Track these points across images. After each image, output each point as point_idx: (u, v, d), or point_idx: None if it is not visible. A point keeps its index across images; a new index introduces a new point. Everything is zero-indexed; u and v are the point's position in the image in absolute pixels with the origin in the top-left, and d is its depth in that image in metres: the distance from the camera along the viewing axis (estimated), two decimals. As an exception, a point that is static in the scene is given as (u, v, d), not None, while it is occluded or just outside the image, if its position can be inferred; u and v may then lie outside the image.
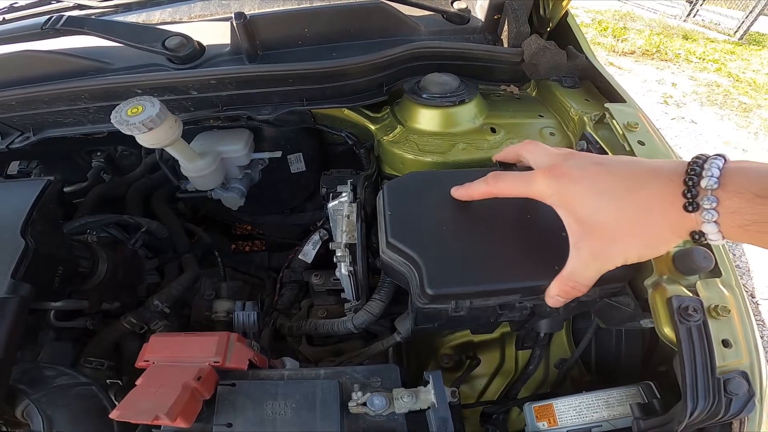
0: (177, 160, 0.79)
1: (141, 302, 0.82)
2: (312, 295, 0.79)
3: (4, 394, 0.48)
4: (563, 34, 0.82)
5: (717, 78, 4.15)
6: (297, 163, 1.02)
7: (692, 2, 5.75)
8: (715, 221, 0.33)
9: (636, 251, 0.39)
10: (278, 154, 0.91)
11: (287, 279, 0.81)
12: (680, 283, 0.47)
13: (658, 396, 0.53)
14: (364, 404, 0.48)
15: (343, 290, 0.74)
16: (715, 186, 0.32)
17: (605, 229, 0.38)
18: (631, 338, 0.70)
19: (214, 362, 0.49)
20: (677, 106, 3.58)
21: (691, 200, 0.33)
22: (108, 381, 0.69)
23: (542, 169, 0.41)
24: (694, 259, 0.46)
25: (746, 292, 2.12)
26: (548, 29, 0.83)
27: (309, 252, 0.84)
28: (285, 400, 0.48)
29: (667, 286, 0.46)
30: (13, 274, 0.52)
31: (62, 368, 0.55)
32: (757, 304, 2.19)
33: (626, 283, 0.53)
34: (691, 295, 0.46)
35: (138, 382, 0.47)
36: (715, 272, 0.49)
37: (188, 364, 0.49)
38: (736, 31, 5.34)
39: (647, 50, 4.67)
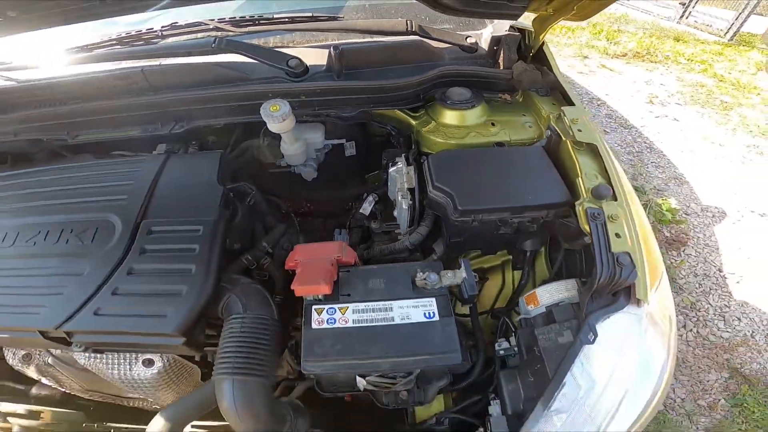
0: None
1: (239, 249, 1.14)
2: (372, 235, 1.18)
3: (217, 291, 0.81)
4: (541, 58, 1.21)
5: (702, 78, 4.48)
6: (350, 149, 1.40)
7: (685, 4, 5.95)
8: None
9: None
10: (343, 140, 1.30)
11: (354, 224, 1.20)
12: (593, 203, 0.85)
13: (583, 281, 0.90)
14: (424, 279, 0.85)
15: (392, 230, 1.13)
16: None
17: None
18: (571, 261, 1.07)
19: (338, 257, 0.87)
20: (662, 105, 3.93)
21: None
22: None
23: None
24: (600, 190, 0.84)
25: (714, 266, 2.49)
26: (530, 54, 1.21)
27: (366, 208, 1.23)
28: (379, 278, 0.85)
29: (586, 204, 0.84)
30: (220, 205, 0.90)
31: (236, 274, 0.91)
32: (725, 278, 2.55)
33: (571, 206, 0.89)
34: (598, 207, 0.83)
35: (298, 272, 0.83)
36: (613, 198, 0.85)
37: (323, 259, 0.86)
38: (726, 32, 5.42)
39: (638, 52, 5.00)
